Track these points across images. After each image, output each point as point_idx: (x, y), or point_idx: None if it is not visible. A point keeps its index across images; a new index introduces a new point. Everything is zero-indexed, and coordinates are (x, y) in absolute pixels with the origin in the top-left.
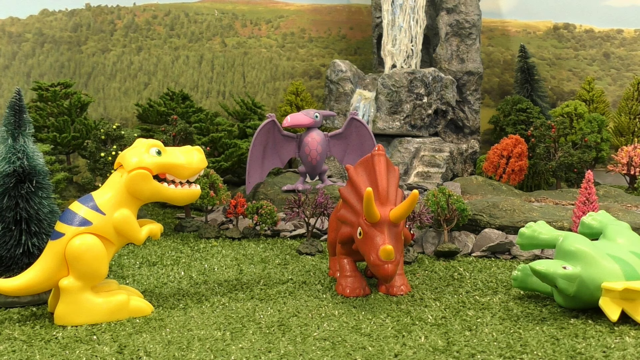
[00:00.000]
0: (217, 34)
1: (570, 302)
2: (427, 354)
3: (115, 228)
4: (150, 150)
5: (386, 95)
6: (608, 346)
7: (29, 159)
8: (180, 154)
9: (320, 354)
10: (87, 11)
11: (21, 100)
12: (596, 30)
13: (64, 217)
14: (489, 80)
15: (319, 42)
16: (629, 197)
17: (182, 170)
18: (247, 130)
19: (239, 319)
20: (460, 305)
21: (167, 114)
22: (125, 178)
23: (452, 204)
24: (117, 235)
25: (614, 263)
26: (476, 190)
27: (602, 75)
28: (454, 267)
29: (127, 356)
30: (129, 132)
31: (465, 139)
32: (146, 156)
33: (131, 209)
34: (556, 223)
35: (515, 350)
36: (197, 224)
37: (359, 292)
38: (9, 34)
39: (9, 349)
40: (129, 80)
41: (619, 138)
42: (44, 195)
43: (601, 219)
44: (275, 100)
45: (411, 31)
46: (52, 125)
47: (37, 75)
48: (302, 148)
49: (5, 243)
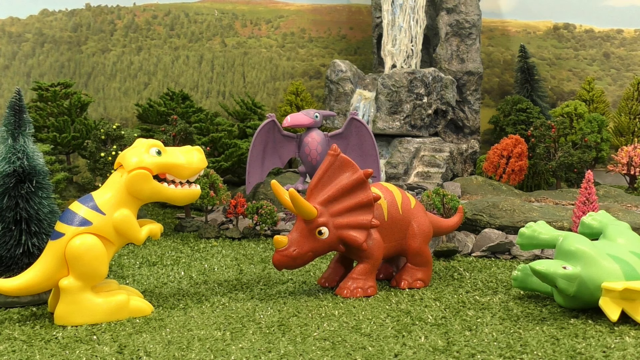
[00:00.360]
0: (217, 34)
1: (570, 302)
2: (427, 354)
3: (115, 228)
4: (150, 150)
5: (386, 95)
6: (608, 346)
7: (29, 159)
8: (181, 154)
9: (320, 354)
10: (87, 11)
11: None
12: (596, 30)
13: (64, 217)
14: (489, 80)
15: (319, 42)
16: (629, 197)
17: (182, 170)
18: (247, 130)
19: (239, 319)
20: (460, 305)
21: (167, 114)
22: (125, 178)
23: (447, 204)
24: (117, 235)
25: (614, 263)
26: (476, 190)
27: (602, 75)
28: (454, 267)
29: (127, 356)
30: (129, 132)
31: (465, 139)
32: (146, 156)
33: (131, 209)
34: (556, 223)
35: (515, 350)
36: (197, 224)
37: (325, 284)
38: (9, 34)
39: (9, 349)
40: (129, 80)
41: (619, 138)
42: (44, 195)
43: (601, 219)
44: (275, 100)
45: (411, 31)
46: (52, 125)
47: (37, 75)
48: (302, 148)
49: (5, 243)
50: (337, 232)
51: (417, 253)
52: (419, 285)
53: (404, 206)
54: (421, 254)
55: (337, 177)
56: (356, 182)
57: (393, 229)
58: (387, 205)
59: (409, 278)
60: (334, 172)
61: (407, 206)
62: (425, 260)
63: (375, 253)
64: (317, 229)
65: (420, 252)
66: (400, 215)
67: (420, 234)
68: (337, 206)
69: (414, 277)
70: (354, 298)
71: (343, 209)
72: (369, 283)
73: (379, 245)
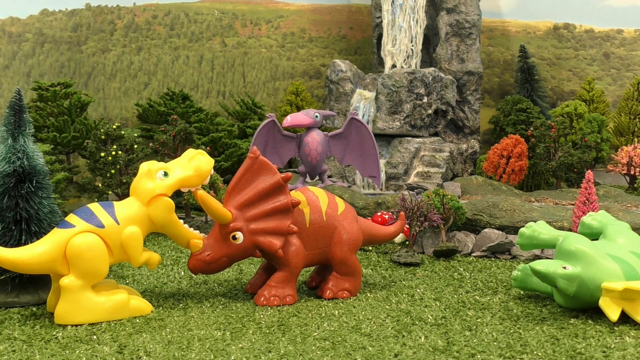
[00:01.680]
0: (217, 34)
1: (570, 302)
2: (427, 354)
3: (123, 241)
4: (157, 174)
5: (386, 95)
6: (608, 346)
7: (29, 159)
8: (186, 163)
9: (320, 354)
10: (87, 11)
11: (21, 100)
12: (596, 30)
13: (81, 212)
14: (489, 80)
15: (319, 42)
16: (629, 197)
17: (193, 179)
18: (247, 130)
19: (239, 319)
20: (460, 305)
21: (167, 114)
22: (150, 203)
23: (446, 203)
24: (119, 248)
25: (614, 263)
26: (476, 190)
27: (602, 75)
28: (454, 267)
29: (127, 356)
30: (129, 132)
31: (465, 139)
32: (158, 182)
33: (142, 231)
34: (556, 223)
35: (515, 350)
36: (197, 223)
37: (250, 290)
38: (9, 34)
39: (9, 349)
40: (129, 80)
41: (619, 138)
42: (44, 195)
43: (601, 219)
44: (275, 100)
45: (411, 31)
46: (52, 125)
47: (37, 75)
48: (302, 148)
49: (5, 243)
50: (252, 237)
51: (342, 262)
52: (345, 295)
53: (329, 212)
54: (346, 263)
55: (255, 181)
56: (274, 186)
57: (316, 236)
58: (309, 211)
59: (334, 288)
60: (252, 175)
61: (332, 212)
62: (351, 269)
63: (294, 260)
64: (232, 234)
65: (345, 260)
66: (324, 222)
67: (346, 241)
68: (253, 211)
69: (339, 286)
70: (353, 299)
71: (259, 214)
72: (287, 291)
73: (299, 252)
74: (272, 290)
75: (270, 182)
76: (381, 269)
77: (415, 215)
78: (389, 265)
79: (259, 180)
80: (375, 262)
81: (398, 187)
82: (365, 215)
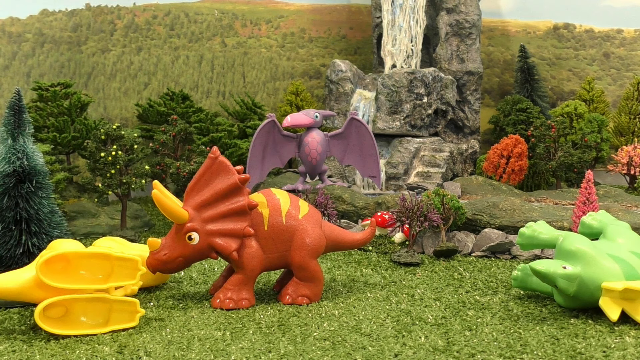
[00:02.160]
0: (217, 34)
1: (570, 302)
2: (427, 354)
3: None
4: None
5: (386, 95)
6: (608, 346)
7: (29, 159)
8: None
9: (320, 354)
10: (87, 11)
11: (21, 100)
12: (596, 30)
13: None
14: (489, 80)
15: (319, 42)
16: (629, 197)
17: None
18: (247, 130)
19: (239, 319)
20: (460, 305)
21: (167, 114)
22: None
23: (446, 203)
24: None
25: (614, 263)
26: (476, 190)
27: (602, 75)
28: (454, 267)
29: (127, 356)
30: (129, 132)
31: (465, 139)
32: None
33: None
34: (556, 223)
35: (515, 350)
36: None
37: (213, 292)
38: (9, 34)
39: (9, 349)
40: (129, 80)
41: (619, 138)
42: (44, 195)
43: (601, 219)
44: (275, 100)
45: (411, 31)
46: (52, 125)
47: (37, 75)
48: (302, 148)
49: (5, 243)
50: (207, 238)
51: (301, 267)
52: (304, 301)
53: (290, 215)
54: (305, 268)
55: (214, 181)
56: (231, 187)
57: (275, 239)
58: (268, 213)
59: (292, 293)
60: (211, 176)
61: (293, 215)
62: (311, 275)
63: (250, 264)
64: (187, 234)
65: (304, 266)
66: (284, 225)
67: (306, 246)
68: (210, 211)
69: (298, 292)
70: (353, 299)
71: (216, 215)
72: (242, 295)
73: (256, 255)
74: (227, 292)
75: (227, 183)
76: (381, 269)
77: (415, 215)
78: (389, 265)
79: (217, 181)
80: (375, 262)
81: (398, 187)
82: (365, 215)
